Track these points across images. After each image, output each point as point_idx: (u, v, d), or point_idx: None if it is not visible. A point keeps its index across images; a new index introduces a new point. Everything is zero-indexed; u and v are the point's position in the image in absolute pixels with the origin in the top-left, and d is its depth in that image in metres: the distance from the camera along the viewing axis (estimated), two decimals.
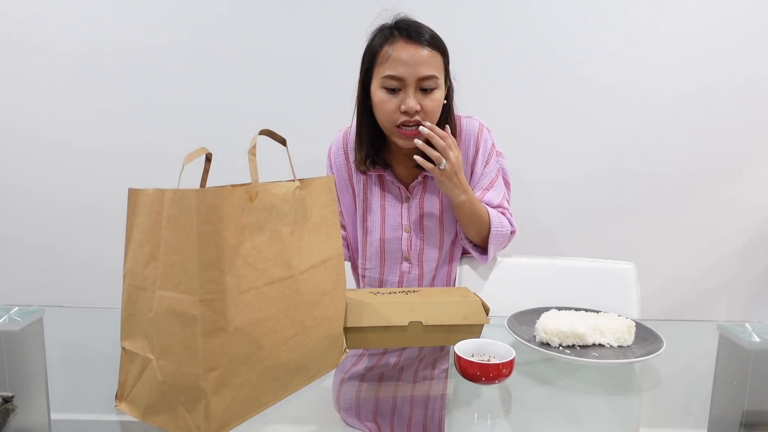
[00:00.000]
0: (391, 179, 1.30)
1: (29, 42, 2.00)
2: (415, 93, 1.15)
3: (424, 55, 1.13)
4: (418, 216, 1.31)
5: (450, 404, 0.90)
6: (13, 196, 2.12)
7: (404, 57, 1.13)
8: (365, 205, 1.34)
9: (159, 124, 2.06)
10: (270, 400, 0.80)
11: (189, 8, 1.99)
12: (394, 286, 1.35)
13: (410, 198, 1.31)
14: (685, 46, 1.96)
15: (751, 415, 0.88)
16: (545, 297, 1.23)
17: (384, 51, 1.15)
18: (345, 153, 1.34)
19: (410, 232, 1.32)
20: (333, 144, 1.38)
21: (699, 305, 2.16)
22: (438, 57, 1.16)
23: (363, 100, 1.25)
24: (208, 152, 0.79)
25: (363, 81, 1.23)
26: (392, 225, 1.32)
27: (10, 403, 0.80)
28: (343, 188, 1.36)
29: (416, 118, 1.16)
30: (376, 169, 1.30)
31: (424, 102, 1.16)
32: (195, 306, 0.69)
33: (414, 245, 1.32)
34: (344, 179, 1.35)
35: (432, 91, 1.16)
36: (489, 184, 1.31)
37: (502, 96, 1.98)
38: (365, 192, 1.33)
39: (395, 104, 1.16)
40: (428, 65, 1.14)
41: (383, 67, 1.15)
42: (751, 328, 1.17)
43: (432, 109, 1.17)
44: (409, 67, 1.13)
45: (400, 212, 1.31)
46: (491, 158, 1.31)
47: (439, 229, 1.32)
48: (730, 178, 2.06)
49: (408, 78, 1.13)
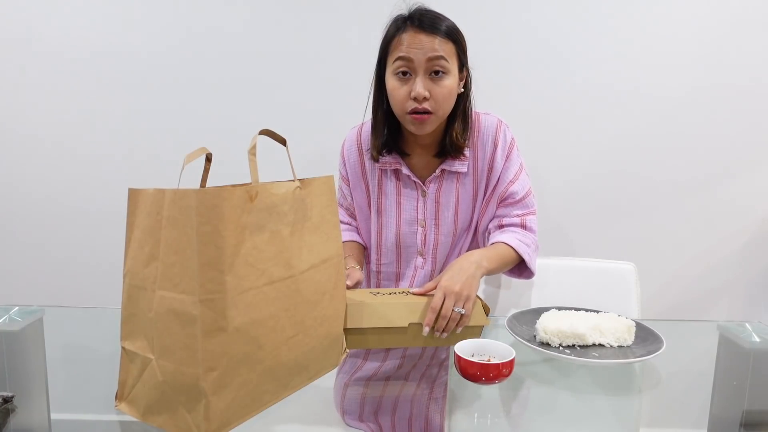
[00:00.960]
0: (408, 173, 1.29)
1: (28, 45, 2.00)
2: (424, 78, 1.14)
3: (434, 41, 1.13)
4: (434, 211, 1.31)
5: (450, 404, 0.90)
6: (13, 197, 2.12)
7: (413, 41, 1.13)
8: (380, 201, 1.34)
9: (159, 124, 2.06)
10: (270, 400, 0.80)
11: (188, 10, 1.99)
12: (409, 280, 1.35)
13: (426, 193, 1.30)
14: (685, 48, 1.96)
15: (751, 415, 0.88)
16: (545, 297, 1.23)
17: (396, 39, 1.16)
18: (359, 149, 1.34)
19: (425, 226, 1.32)
20: (346, 141, 1.37)
21: (699, 305, 2.16)
22: (450, 44, 1.15)
23: (378, 90, 1.25)
24: (208, 152, 0.79)
25: (378, 72, 1.23)
26: (408, 220, 1.32)
27: (10, 403, 0.80)
28: (356, 184, 1.35)
29: (425, 106, 1.15)
30: (393, 159, 1.29)
31: (433, 89, 1.15)
32: (195, 306, 0.69)
33: (429, 240, 1.32)
34: (357, 175, 1.35)
35: (442, 76, 1.15)
36: (514, 177, 1.29)
37: (502, 97, 1.98)
38: (380, 187, 1.33)
39: (406, 91, 1.16)
40: (437, 49, 1.13)
41: (394, 53, 1.16)
42: (751, 328, 1.17)
43: (442, 96, 1.16)
44: (418, 51, 1.13)
45: (415, 207, 1.31)
46: (512, 151, 1.29)
47: (453, 224, 1.32)
48: (730, 179, 2.06)
49: (417, 59, 1.13)
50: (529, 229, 1.28)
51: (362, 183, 1.35)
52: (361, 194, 1.36)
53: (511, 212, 1.28)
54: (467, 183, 1.29)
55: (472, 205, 1.31)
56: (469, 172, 1.29)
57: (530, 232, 1.28)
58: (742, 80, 1.98)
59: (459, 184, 1.29)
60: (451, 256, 1.35)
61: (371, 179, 1.33)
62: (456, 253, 1.35)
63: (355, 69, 2.02)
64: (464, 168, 1.27)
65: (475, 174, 1.29)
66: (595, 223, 2.10)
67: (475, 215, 1.32)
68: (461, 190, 1.30)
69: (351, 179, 1.35)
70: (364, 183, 1.35)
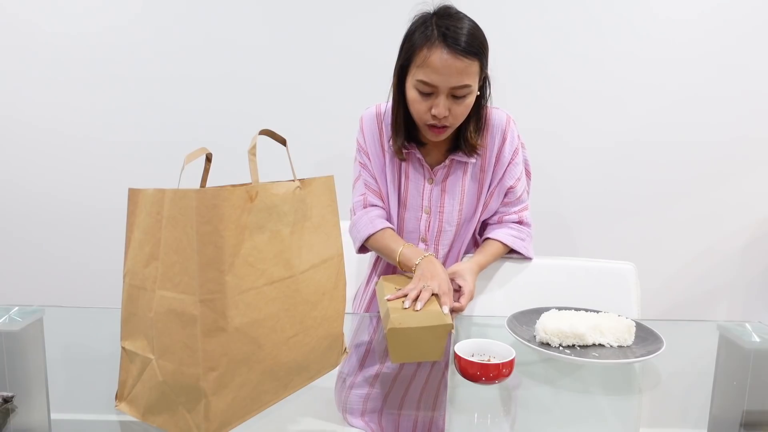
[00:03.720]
0: (420, 157, 1.31)
1: (28, 41, 2.00)
2: (446, 99, 1.15)
3: (460, 66, 1.12)
4: (440, 199, 1.33)
5: (450, 404, 0.90)
6: (13, 196, 2.12)
7: (440, 66, 1.11)
8: (397, 182, 1.35)
9: (159, 124, 2.06)
10: (270, 400, 0.80)
11: (189, 10, 1.99)
12: None
13: (433, 180, 1.32)
14: (685, 48, 1.96)
15: (751, 415, 0.88)
16: (545, 297, 1.23)
17: (422, 54, 1.13)
18: (379, 124, 1.34)
19: (429, 213, 1.34)
20: (365, 115, 1.36)
21: (699, 305, 2.16)
22: (475, 64, 1.14)
23: (398, 87, 1.24)
24: (208, 152, 0.79)
25: (399, 74, 1.23)
26: (413, 205, 1.34)
27: (10, 403, 0.80)
28: (375, 155, 1.35)
29: (444, 123, 1.18)
30: (410, 146, 1.31)
31: (453, 107, 1.16)
32: (195, 306, 0.69)
33: (432, 227, 1.34)
34: (377, 146, 1.34)
35: (464, 97, 1.17)
36: (519, 176, 1.34)
37: (502, 97, 1.98)
38: (393, 168, 1.34)
39: (426, 106, 1.17)
40: (463, 75, 1.13)
41: (419, 71, 1.15)
42: (751, 328, 1.17)
43: (461, 113, 1.19)
44: (444, 77, 1.12)
45: (422, 193, 1.33)
46: (519, 150, 1.34)
47: (458, 213, 1.34)
48: (730, 179, 2.06)
49: (441, 86, 1.14)
50: (526, 223, 1.37)
51: (381, 154, 1.35)
52: (380, 162, 1.36)
53: (509, 210, 1.36)
54: (475, 174, 1.33)
55: (477, 197, 1.34)
56: (477, 164, 1.32)
57: (526, 226, 1.37)
58: (742, 80, 1.98)
59: (466, 174, 1.32)
60: (454, 246, 1.38)
61: (388, 154, 1.34)
62: (459, 244, 1.38)
63: (356, 70, 2.02)
64: (473, 159, 1.31)
65: (483, 166, 1.33)
66: (595, 223, 2.11)
67: (479, 207, 1.35)
68: (467, 181, 1.33)
69: (371, 149, 1.35)
70: (383, 153, 1.35)
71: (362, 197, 1.36)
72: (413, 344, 0.95)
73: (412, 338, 0.95)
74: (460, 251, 1.39)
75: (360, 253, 1.38)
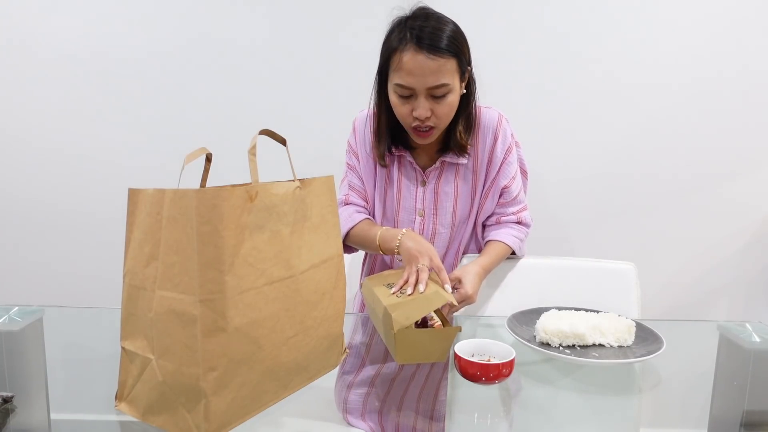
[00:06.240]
0: (411, 160, 1.31)
1: (26, 43, 2.00)
2: (426, 100, 1.15)
3: (433, 66, 1.11)
4: (433, 201, 1.33)
5: (450, 404, 0.90)
6: (13, 197, 2.12)
7: (413, 67, 1.11)
8: (384, 186, 1.35)
9: (159, 124, 2.06)
10: (270, 400, 0.80)
11: (189, 10, 1.99)
12: None
13: (426, 182, 1.32)
14: (686, 48, 1.96)
15: (751, 415, 0.88)
16: (545, 297, 1.23)
17: (396, 57, 1.14)
18: (371, 127, 1.34)
19: (423, 216, 1.33)
20: (358, 118, 1.37)
21: (699, 305, 2.16)
22: (451, 62, 1.13)
23: (380, 96, 1.25)
24: (208, 152, 0.79)
25: (379, 80, 1.23)
26: (407, 208, 1.34)
27: (10, 403, 0.80)
28: (366, 158, 1.35)
29: (428, 124, 1.17)
30: (398, 150, 1.30)
31: (435, 107, 1.16)
32: (195, 306, 0.69)
33: (427, 230, 1.34)
34: (368, 149, 1.34)
35: (444, 96, 1.16)
36: (514, 175, 1.33)
37: (502, 97, 1.98)
38: (384, 172, 1.34)
39: (408, 109, 1.17)
40: (438, 74, 1.12)
41: (395, 75, 1.15)
42: (751, 328, 1.17)
43: (444, 113, 1.18)
44: (418, 78, 1.12)
45: (415, 196, 1.33)
46: (512, 149, 1.33)
47: (452, 215, 1.33)
48: (730, 179, 2.06)
49: (418, 88, 1.13)
50: (525, 224, 1.37)
51: (371, 160, 1.35)
52: (371, 169, 1.35)
53: (506, 211, 1.36)
54: (467, 175, 1.32)
55: (471, 198, 1.34)
56: (469, 165, 1.32)
57: (525, 226, 1.37)
58: (742, 80, 1.98)
59: (459, 176, 1.32)
60: (450, 248, 1.38)
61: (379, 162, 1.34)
62: (455, 246, 1.38)
63: (356, 70, 2.02)
64: (464, 160, 1.30)
65: (475, 167, 1.32)
66: (595, 223, 2.10)
67: (474, 208, 1.34)
68: (460, 182, 1.32)
69: (362, 154, 1.35)
70: (373, 160, 1.35)
71: (344, 197, 1.36)
72: (420, 346, 0.95)
73: (419, 340, 0.95)
74: (457, 253, 1.39)
75: (346, 254, 1.36)
